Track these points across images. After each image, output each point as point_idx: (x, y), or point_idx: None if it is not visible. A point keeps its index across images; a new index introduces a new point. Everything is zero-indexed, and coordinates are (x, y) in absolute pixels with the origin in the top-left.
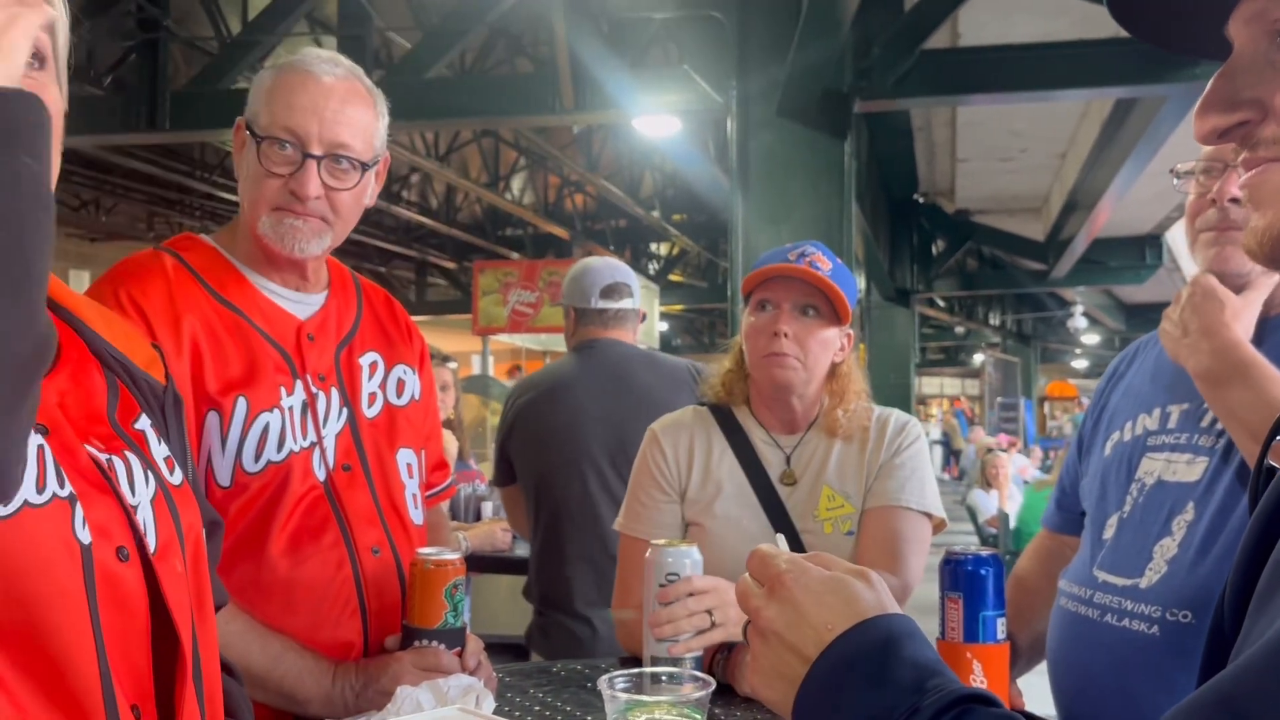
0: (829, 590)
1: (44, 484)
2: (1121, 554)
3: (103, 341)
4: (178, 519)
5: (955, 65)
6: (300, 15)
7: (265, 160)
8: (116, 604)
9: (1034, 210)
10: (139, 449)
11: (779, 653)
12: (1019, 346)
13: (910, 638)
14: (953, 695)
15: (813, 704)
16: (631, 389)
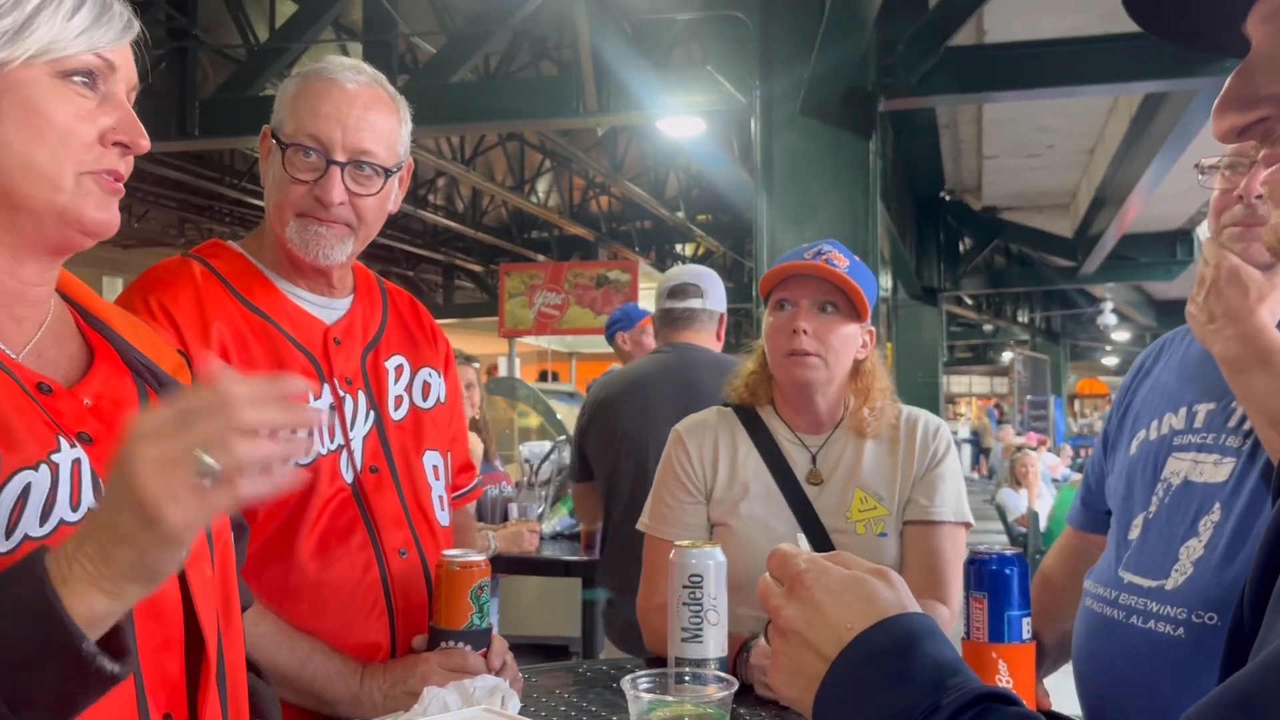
0: (848, 589)
1: (78, 501)
2: (1147, 555)
3: (131, 348)
4: (209, 531)
5: (981, 62)
6: (327, 22)
7: (290, 167)
8: (153, 615)
9: (1062, 206)
10: None
11: (799, 651)
12: (1048, 344)
13: (930, 636)
14: (973, 693)
15: (833, 703)
16: (698, 393)
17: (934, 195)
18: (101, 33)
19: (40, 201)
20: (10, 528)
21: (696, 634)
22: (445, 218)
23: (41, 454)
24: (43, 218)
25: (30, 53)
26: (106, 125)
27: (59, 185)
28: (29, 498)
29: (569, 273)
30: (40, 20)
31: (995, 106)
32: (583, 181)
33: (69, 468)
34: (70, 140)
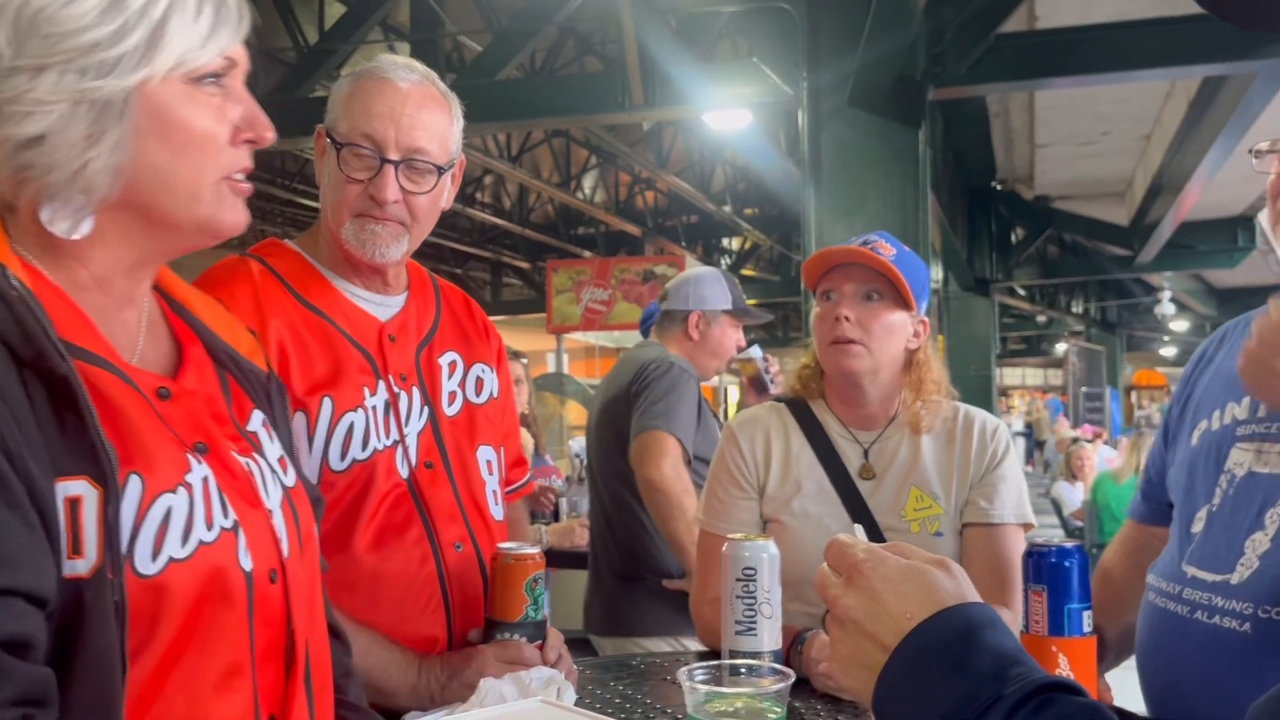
0: (907, 579)
1: (211, 520)
2: (1211, 548)
3: (211, 334)
4: (298, 523)
5: (1033, 48)
6: (374, 23)
7: (345, 166)
8: (266, 622)
9: (1117, 194)
10: (258, 449)
11: (858, 641)
12: (1103, 335)
13: (991, 626)
14: (1035, 684)
15: (892, 693)
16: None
17: (985, 185)
18: (226, 33)
19: (182, 215)
20: (156, 551)
21: (750, 627)
22: (492, 215)
23: (178, 476)
24: (182, 228)
25: (168, 66)
26: (235, 121)
27: (200, 197)
28: (170, 520)
29: (616, 268)
30: (170, 30)
31: (1048, 93)
32: (629, 177)
33: (200, 488)
34: (209, 147)
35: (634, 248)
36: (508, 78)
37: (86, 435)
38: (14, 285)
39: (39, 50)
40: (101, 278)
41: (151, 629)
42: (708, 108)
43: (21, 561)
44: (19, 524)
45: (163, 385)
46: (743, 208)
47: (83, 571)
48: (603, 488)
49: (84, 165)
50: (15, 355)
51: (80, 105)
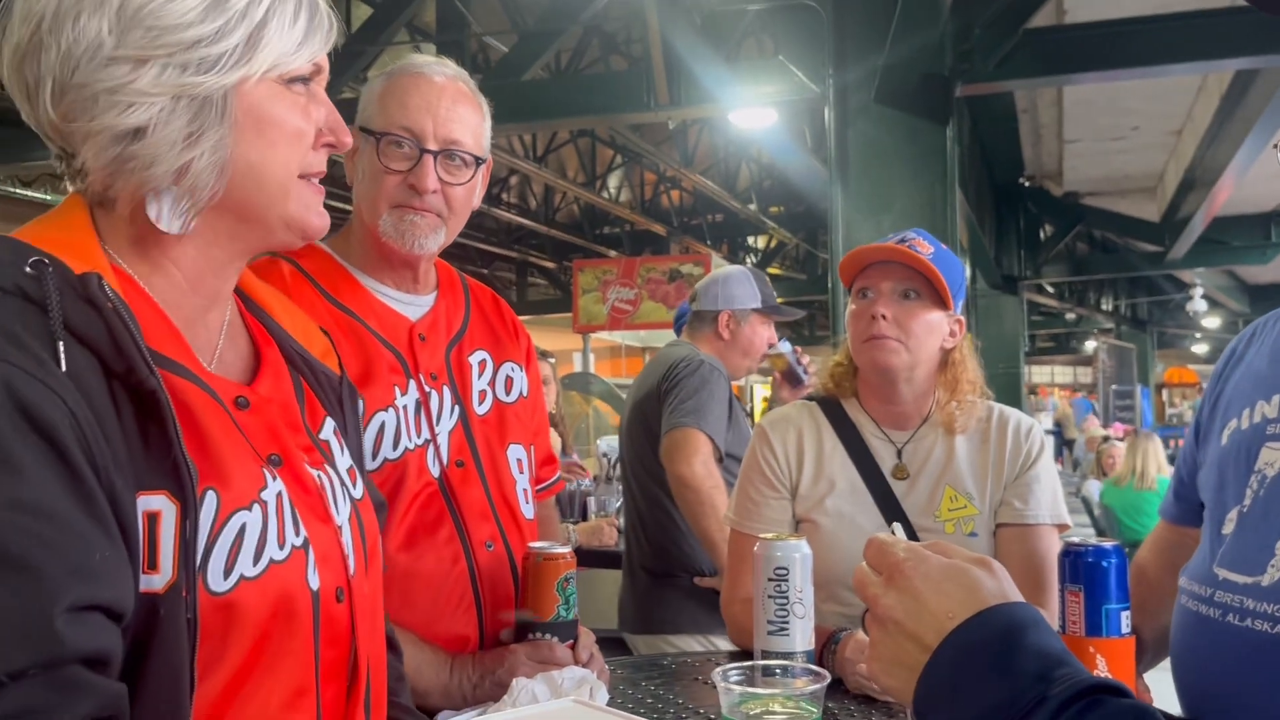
0: (948, 578)
1: (284, 539)
2: (1242, 550)
3: (287, 336)
4: (364, 537)
5: (1061, 43)
6: (401, 24)
7: (384, 158)
8: (331, 641)
9: (1148, 190)
10: (329, 459)
11: (898, 641)
12: (1134, 332)
13: (1035, 626)
14: (1081, 685)
15: (934, 693)
16: (639, 384)
17: (1013, 181)
18: (318, 40)
19: (273, 212)
20: (229, 568)
21: (783, 627)
22: (518, 215)
23: (253, 493)
24: (272, 226)
25: (265, 67)
26: (318, 123)
27: (288, 193)
28: (244, 538)
29: (642, 267)
30: (269, 33)
31: (1076, 89)
32: (654, 176)
33: (274, 504)
34: (298, 144)
35: (659, 247)
36: (533, 78)
37: (170, 451)
38: (109, 296)
39: (142, 42)
40: (193, 276)
41: (221, 647)
42: (733, 106)
43: (104, 576)
44: (103, 537)
45: (241, 394)
46: (768, 206)
47: (158, 587)
48: (635, 486)
49: (188, 163)
50: (106, 367)
51: (181, 100)
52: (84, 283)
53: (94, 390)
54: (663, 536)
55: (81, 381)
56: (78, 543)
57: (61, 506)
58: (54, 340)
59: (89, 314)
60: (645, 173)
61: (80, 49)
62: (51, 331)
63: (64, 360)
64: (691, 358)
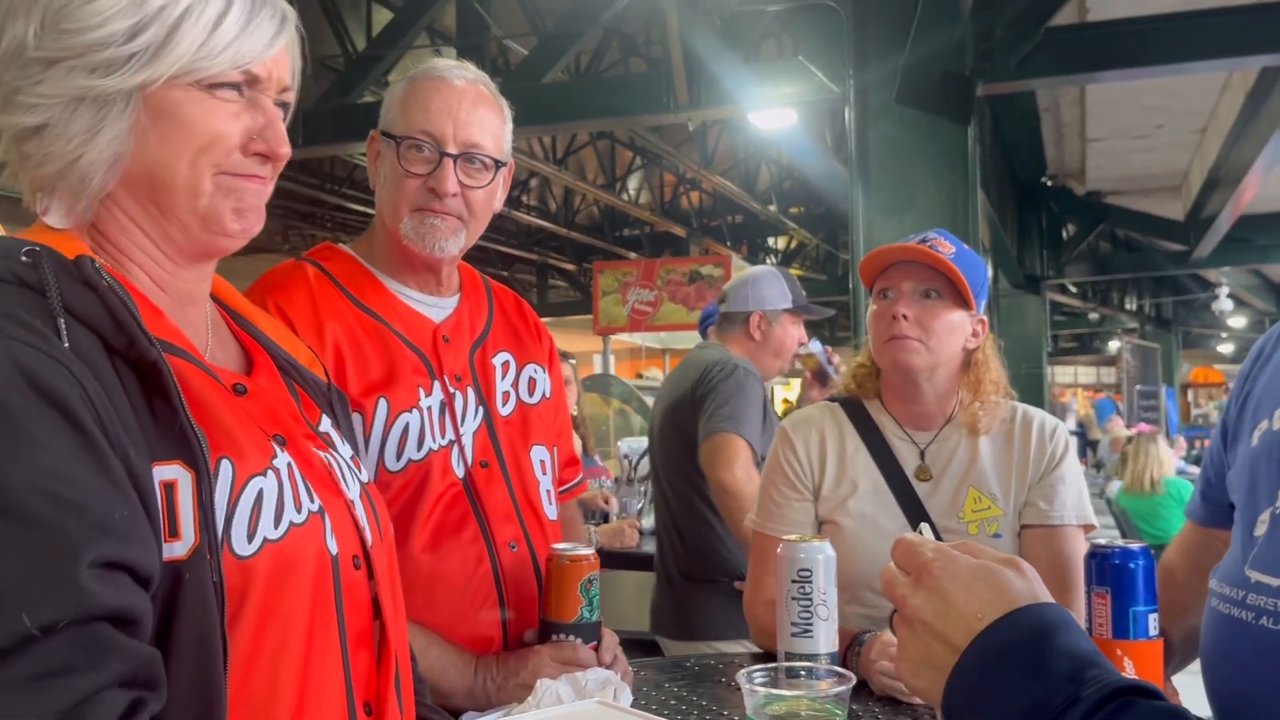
0: (978, 578)
1: (300, 503)
2: (1274, 552)
3: (273, 344)
4: (378, 515)
5: (1084, 41)
6: (421, 28)
7: (404, 161)
8: (354, 609)
9: (1172, 189)
10: (332, 449)
11: (927, 641)
12: (1158, 332)
13: (1065, 627)
14: (1113, 686)
15: (963, 694)
16: (673, 387)
17: (1035, 181)
18: (249, 43)
19: (183, 208)
20: (251, 532)
21: (806, 629)
22: (538, 218)
23: (265, 461)
24: (188, 224)
25: (170, 73)
26: (249, 130)
27: (199, 191)
28: (263, 503)
29: (662, 269)
30: (182, 35)
31: (1099, 87)
32: (673, 178)
33: (286, 472)
34: (214, 148)
35: (679, 248)
36: (553, 80)
37: (177, 421)
38: (104, 276)
39: (55, 44)
40: (154, 276)
41: (250, 609)
42: (753, 107)
43: (127, 534)
44: (121, 499)
45: (239, 382)
46: (788, 207)
47: (181, 553)
48: (669, 490)
49: (79, 157)
50: (107, 344)
51: (83, 101)
52: (79, 265)
53: (98, 365)
54: (700, 541)
55: (85, 357)
56: (98, 502)
57: (78, 469)
58: (55, 319)
59: (86, 294)
60: (665, 174)
61: (9, 50)
62: (52, 312)
63: (65, 338)
64: (725, 361)
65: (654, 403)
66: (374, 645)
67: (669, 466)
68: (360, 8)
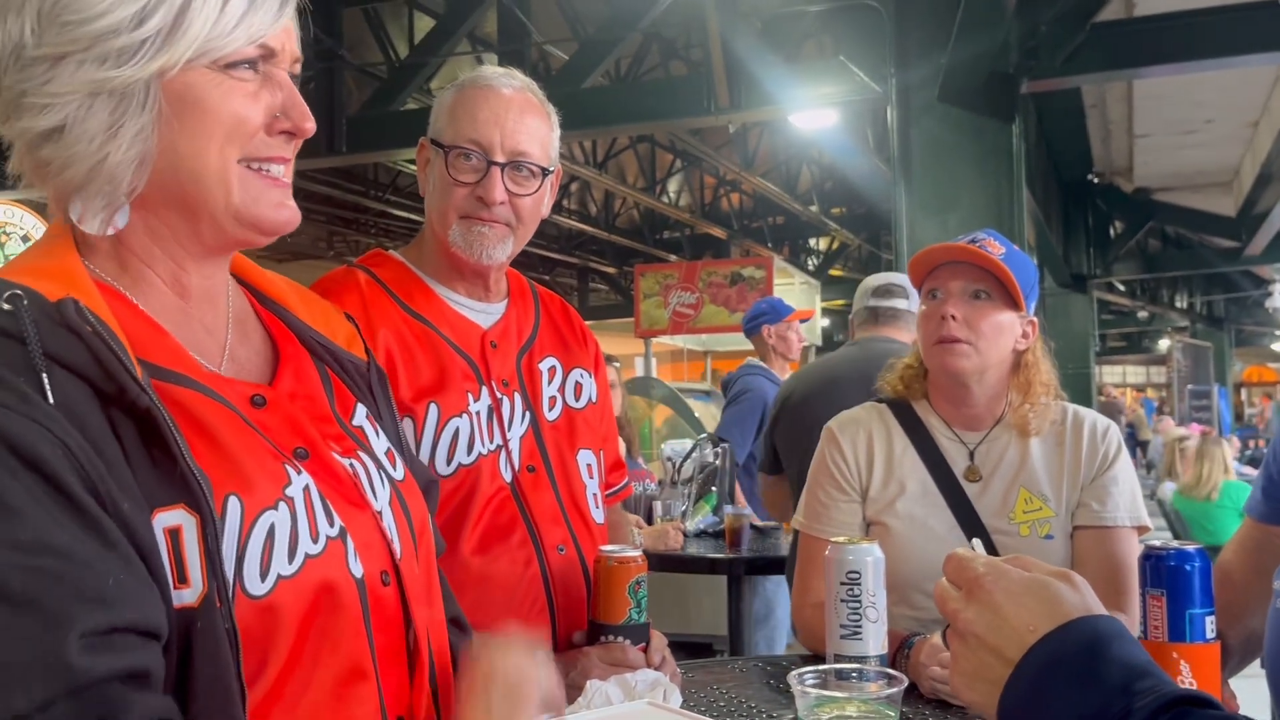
0: (1029, 592)
1: (316, 531)
2: None
3: (308, 328)
4: (410, 518)
5: (1131, 36)
6: (463, 35)
7: (453, 170)
8: (383, 626)
9: (1223, 184)
10: (364, 446)
11: (980, 655)
12: (1210, 330)
13: (1119, 639)
14: (1168, 696)
15: (1018, 706)
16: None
17: (1081, 179)
18: (260, 17)
19: (217, 205)
20: (264, 570)
21: (855, 631)
22: (579, 222)
23: (277, 491)
24: (218, 220)
25: (188, 56)
26: (271, 106)
27: (229, 184)
28: (275, 538)
29: (703, 271)
30: (193, 15)
31: (1147, 82)
32: (713, 180)
33: (302, 499)
34: (237, 133)
35: (719, 250)
36: (594, 85)
37: (176, 465)
38: (89, 320)
39: (58, 38)
40: (170, 280)
41: (268, 649)
42: (795, 108)
43: (122, 599)
44: (115, 561)
45: (257, 393)
46: (830, 207)
47: (191, 601)
48: None
49: (104, 158)
50: (97, 391)
51: (99, 96)
52: (60, 310)
53: (87, 416)
54: None
55: (72, 410)
56: (85, 572)
57: (63, 539)
58: (37, 373)
59: (70, 340)
60: (705, 176)
61: (5, 52)
62: (33, 364)
63: (49, 391)
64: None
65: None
66: (407, 657)
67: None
68: (402, 15)
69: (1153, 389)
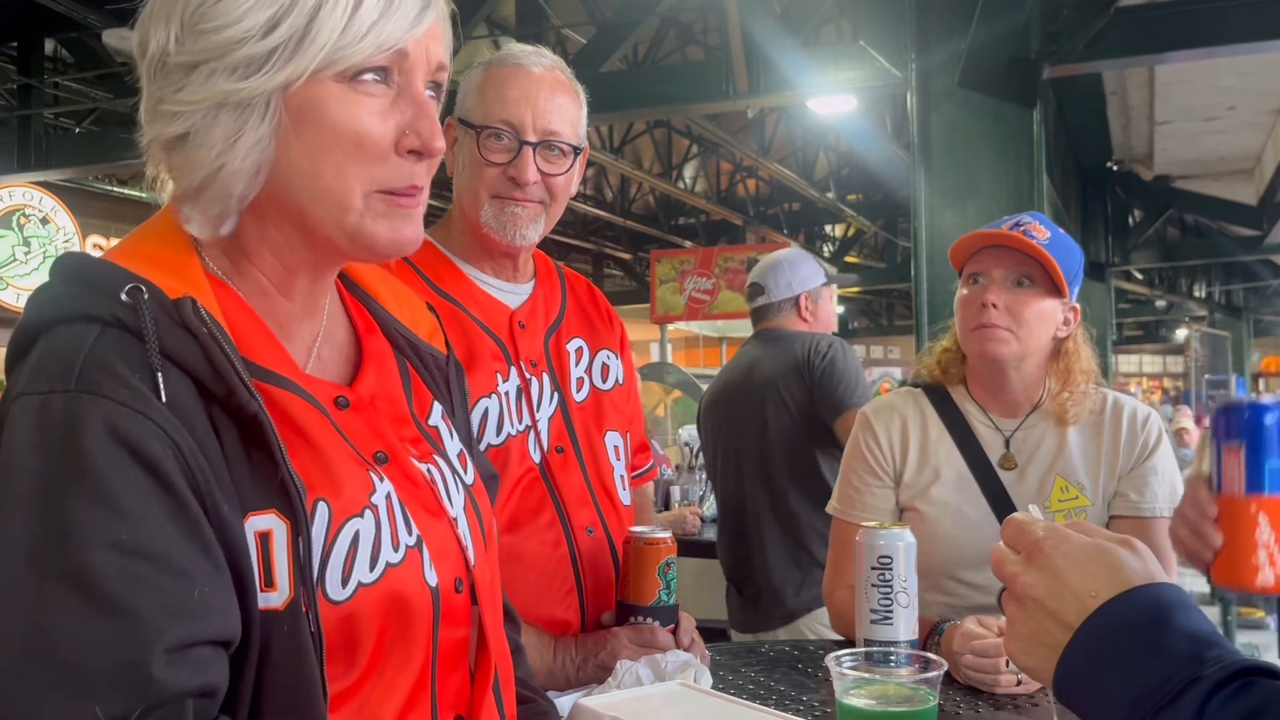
0: (1091, 557)
1: (397, 540)
2: None
3: (391, 318)
4: (482, 523)
5: (1154, 21)
6: (480, 19)
7: (484, 150)
8: (451, 629)
9: (1244, 172)
10: (439, 449)
11: (1038, 620)
12: (1228, 320)
13: (1183, 607)
14: (1237, 666)
15: (1076, 672)
16: (750, 371)
17: (1100, 166)
18: (394, 24)
19: (331, 224)
20: (345, 577)
21: (886, 616)
22: (594, 207)
23: (364, 498)
24: (334, 239)
25: (316, 65)
26: (400, 125)
27: (348, 206)
28: (359, 545)
29: (719, 257)
30: (321, 21)
31: (1169, 68)
32: (730, 165)
33: (385, 507)
34: (362, 152)
35: (735, 236)
36: (611, 70)
37: (276, 470)
38: (205, 320)
39: (194, 46)
40: (279, 281)
41: (348, 655)
42: (814, 93)
43: (206, 612)
44: (207, 568)
45: (341, 394)
46: (846, 194)
47: (277, 604)
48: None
49: (220, 167)
50: (205, 391)
51: (224, 107)
52: (179, 308)
53: (194, 417)
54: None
55: (181, 409)
56: (180, 581)
57: (163, 544)
58: (153, 371)
59: (185, 339)
60: (721, 162)
61: (154, 60)
62: (150, 362)
63: (164, 391)
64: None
65: (717, 394)
66: (470, 658)
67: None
68: None
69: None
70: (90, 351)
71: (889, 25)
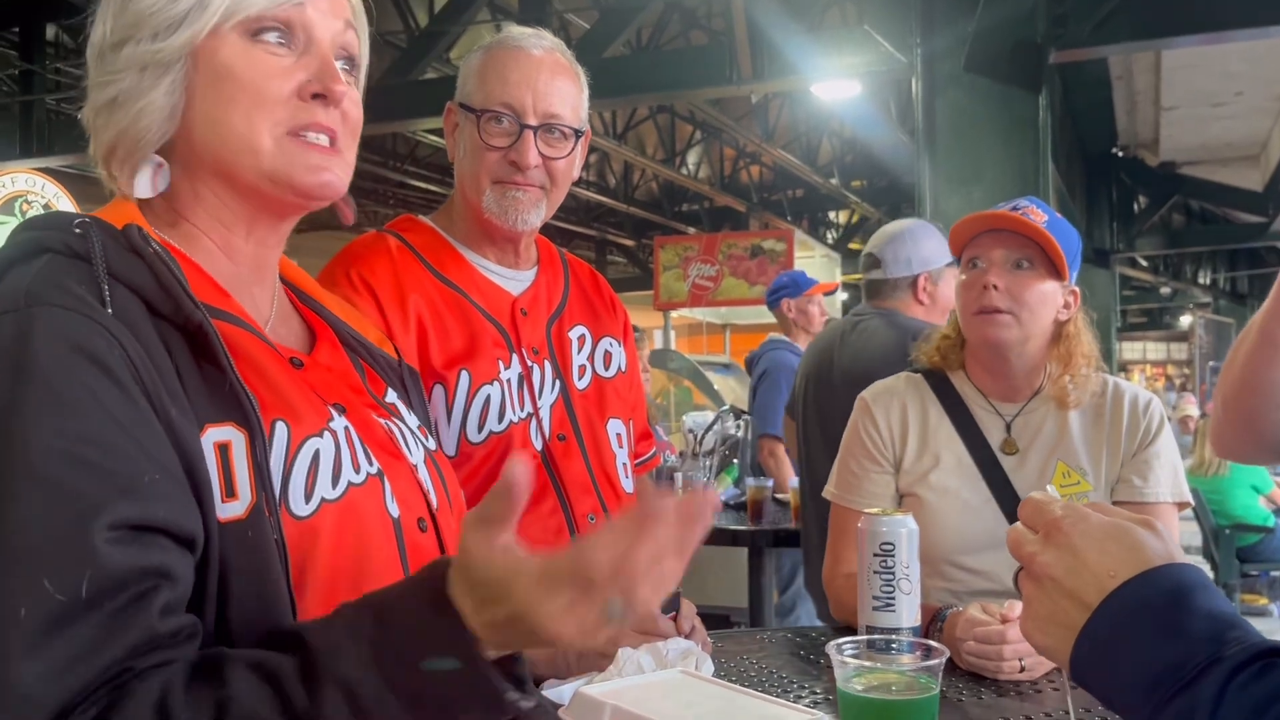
0: (1110, 537)
1: (358, 464)
2: None
3: (343, 323)
4: (444, 480)
5: (1161, 5)
6: (483, 4)
7: (485, 134)
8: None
9: (1251, 158)
10: (397, 416)
11: (1055, 599)
12: (1233, 306)
13: (1204, 589)
14: (1257, 648)
15: (1094, 653)
16: (839, 360)
17: (1105, 151)
18: None
19: (248, 169)
20: (308, 493)
21: (889, 603)
22: (597, 193)
23: (321, 423)
24: (258, 185)
25: (215, 20)
26: (302, 80)
27: (258, 148)
28: (319, 463)
29: (723, 244)
30: None
31: (1175, 53)
32: (733, 152)
33: (343, 435)
34: (262, 98)
35: (738, 223)
36: (615, 55)
37: (226, 381)
38: (151, 244)
39: (123, 23)
40: (222, 241)
41: (310, 569)
42: (817, 78)
43: (156, 496)
44: (156, 460)
45: (295, 356)
46: (850, 180)
47: (239, 513)
48: None
49: (137, 114)
50: (153, 309)
51: (146, 70)
52: (125, 234)
53: (141, 330)
54: None
55: (129, 321)
56: (126, 464)
57: (111, 432)
58: (99, 286)
59: (132, 261)
60: (725, 148)
61: (95, 50)
62: (96, 278)
63: (109, 303)
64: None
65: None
66: None
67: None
68: None
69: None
70: (38, 274)
71: (894, 9)
